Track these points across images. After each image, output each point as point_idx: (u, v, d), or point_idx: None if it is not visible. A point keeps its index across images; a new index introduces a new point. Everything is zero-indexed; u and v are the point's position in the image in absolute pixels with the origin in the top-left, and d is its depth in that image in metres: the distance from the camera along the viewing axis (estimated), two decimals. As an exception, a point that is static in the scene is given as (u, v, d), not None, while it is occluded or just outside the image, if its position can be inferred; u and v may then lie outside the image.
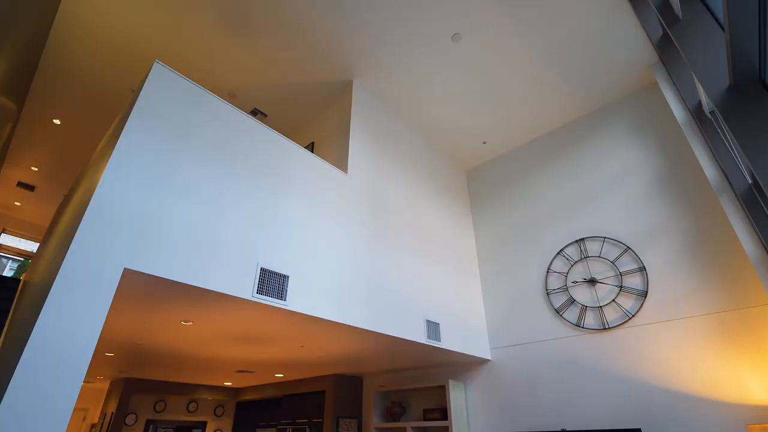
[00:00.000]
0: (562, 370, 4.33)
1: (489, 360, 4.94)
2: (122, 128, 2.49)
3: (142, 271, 2.25)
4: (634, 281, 4.16)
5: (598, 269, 4.46)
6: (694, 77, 2.98)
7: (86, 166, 4.02)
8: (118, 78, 4.82)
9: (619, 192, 4.62)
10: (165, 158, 2.63)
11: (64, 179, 6.70)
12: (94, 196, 2.21)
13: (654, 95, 4.75)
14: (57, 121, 5.46)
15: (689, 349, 3.65)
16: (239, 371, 5.90)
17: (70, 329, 1.91)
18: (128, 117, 2.53)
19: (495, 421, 4.61)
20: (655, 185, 4.37)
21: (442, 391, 5.21)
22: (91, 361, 5.18)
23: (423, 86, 4.85)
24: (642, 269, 4.15)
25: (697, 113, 3.29)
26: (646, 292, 4.05)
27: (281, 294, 2.91)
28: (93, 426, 7.60)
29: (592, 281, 4.45)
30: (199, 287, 2.49)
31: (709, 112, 3.08)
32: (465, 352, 4.53)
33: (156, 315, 3.17)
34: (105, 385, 7.58)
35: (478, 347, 4.79)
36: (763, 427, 2.81)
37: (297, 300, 3.01)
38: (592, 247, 4.59)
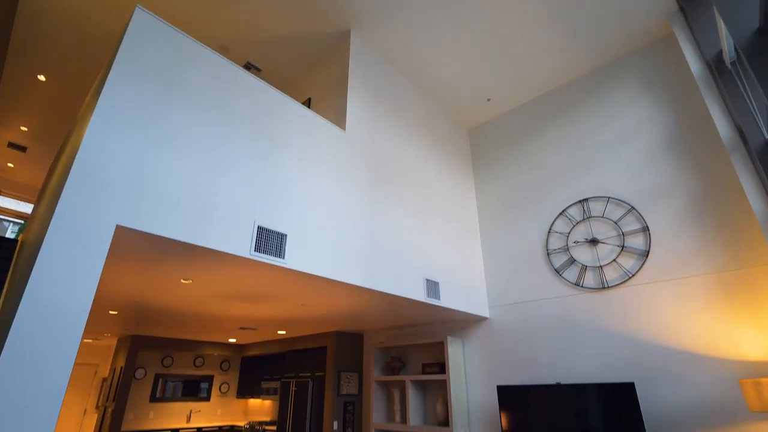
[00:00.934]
0: (559, 327, 4.40)
1: (487, 318, 5.01)
2: (106, 79, 2.35)
3: (136, 228, 2.19)
4: (636, 241, 4.13)
5: (600, 229, 4.42)
6: (719, 22, 2.78)
7: (74, 122, 3.88)
8: (102, 30, 4.55)
9: (626, 151, 4.49)
10: (153, 111, 2.50)
11: (56, 139, 6.53)
12: (79, 152, 2.11)
13: (668, 49, 4.50)
14: (42, 78, 5.23)
15: (687, 308, 3.68)
16: (242, 328, 6.03)
17: (63, 286, 1.88)
18: (111, 67, 2.38)
19: (492, 375, 4.74)
20: (664, 144, 4.23)
21: (440, 347, 5.33)
22: (96, 320, 5.27)
23: (425, 39, 4.59)
24: (645, 229, 4.10)
25: (716, 64, 3.11)
26: (648, 252, 4.02)
27: (280, 252, 2.88)
28: (104, 380, 7.89)
29: (593, 241, 4.42)
30: (195, 245, 2.44)
31: (730, 63, 2.91)
32: (464, 310, 4.58)
33: (155, 273, 3.15)
34: (113, 342, 7.79)
35: (476, 306, 4.84)
36: (756, 381, 2.86)
37: (296, 258, 2.98)
38: (596, 208, 4.52)
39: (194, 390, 7.76)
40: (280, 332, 6.44)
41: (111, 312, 4.77)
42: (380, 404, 5.47)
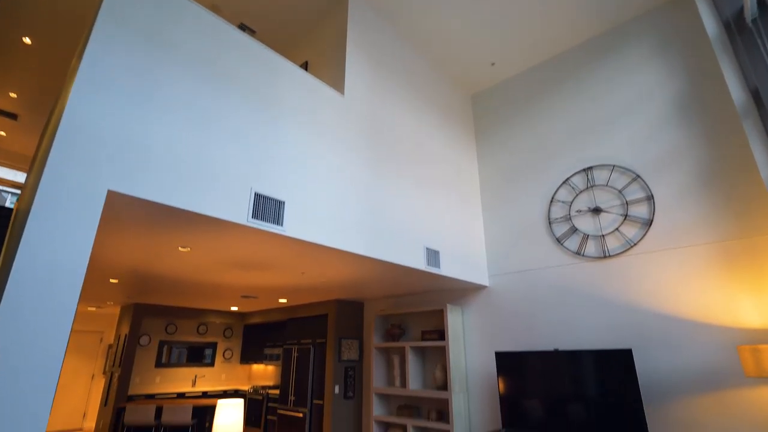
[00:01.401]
0: (558, 296, 4.41)
1: (487, 286, 5.02)
2: (89, 37, 2.22)
3: (128, 194, 2.13)
4: (640, 210, 4.07)
5: (603, 198, 4.35)
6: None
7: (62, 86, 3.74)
8: (88, -14, 4.32)
9: (634, 117, 4.36)
10: (142, 72, 2.38)
11: (48, 106, 6.35)
12: (65, 114, 2.02)
13: (683, 7, 4.28)
14: (27, 40, 5.02)
15: (688, 277, 3.66)
16: (244, 296, 6.08)
17: (55, 251, 1.84)
18: (94, 25, 2.25)
19: (490, 341, 4.81)
20: (674, 111, 4.10)
21: (440, 314, 5.39)
22: (98, 288, 5.30)
23: (427, -4, 4.36)
24: (649, 198, 4.03)
25: (735, 21, 2.95)
26: (651, 220, 3.97)
27: (278, 219, 2.83)
28: (110, 346, 8.05)
29: (596, 210, 4.36)
30: (191, 211, 2.39)
31: (751, 20, 2.75)
32: (464, 278, 4.59)
33: (153, 241, 3.12)
34: (116, 310, 7.90)
35: (476, 274, 4.85)
36: (754, 347, 2.87)
37: (294, 226, 2.93)
38: (600, 176, 4.43)
39: (199, 356, 7.93)
40: (281, 300, 6.50)
41: (112, 280, 4.78)
42: (380, 369, 5.59)
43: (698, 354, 3.46)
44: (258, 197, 2.76)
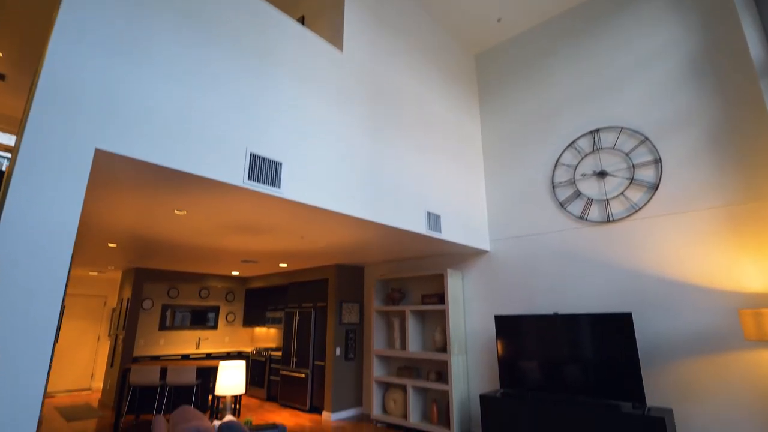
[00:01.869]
0: (559, 260, 4.39)
1: (488, 251, 5.00)
2: (66, -20, 2.05)
3: (116, 152, 2.04)
4: (647, 174, 3.97)
5: (609, 162, 4.24)
6: None
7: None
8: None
9: (645, 78, 4.17)
10: (127, 23, 2.22)
11: (35, 64, 6.10)
12: (44, 68, 1.89)
13: (705, -45, 4.00)
14: (8, -9, 4.73)
15: (692, 241, 3.62)
16: (244, 261, 6.08)
17: (43, 212, 1.77)
18: (71, -35, 2.07)
19: (490, 305, 4.84)
20: (686, 70, 3.91)
21: (440, 279, 5.40)
22: (97, 252, 5.28)
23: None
24: (657, 161, 3.92)
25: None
26: (658, 184, 3.88)
27: (275, 181, 2.74)
28: (114, 310, 8.17)
29: (601, 174, 4.26)
30: (181, 171, 2.30)
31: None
32: (465, 243, 4.55)
33: (148, 203, 3.04)
34: (118, 275, 7.95)
35: (477, 239, 4.81)
36: (756, 311, 2.87)
37: (292, 188, 2.85)
38: (607, 139, 4.30)
39: (202, 319, 8.06)
40: (281, 265, 6.52)
41: (110, 244, 4.75)
42: (380, 332, 5.67)
43: (699, 318, 3.47)
44: (254, 158, 2.66)
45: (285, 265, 6.53)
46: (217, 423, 2.54)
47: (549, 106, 4.88)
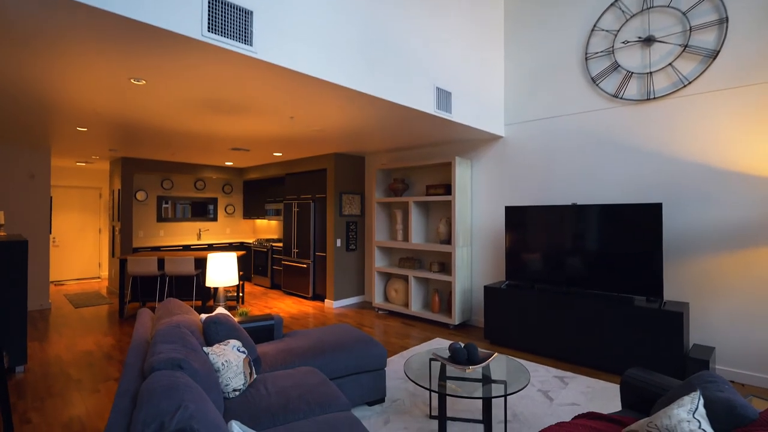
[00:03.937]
0: (583, 146, 3.91)
1: (501, 137, 4.49)
2: None
3: (2, -25, 1.43)
4: (706, 38, 3.26)
5: (660, 24, 3.47)
6: None
7: None
8: None
9: None
10: None
11: None
12: None
13: None
14: None
15: (746, 121, 3.08)
16: (234, 149, 5.62)
17: None
18: None
19: (501, 197, 4.50)
20: None
21: (446, 168, 4.98)
22: (69, 139, 4.79)
23: None
24: (723, 21, 3.17)
25: None
26: (718, 51, 3.20)
27: (245, 37, 2.13)
28: (109, 202, 7.97)
29: (648, 40, 3.52)
30: (120, 16, 1.71)
31: None
32: (477, 126, 4.02)
33: (95, 70, 2.47)
34: (106, 165, 7.57)
35: (492, 123, 4.26)
36: (815, 200, 2.47)
37: (268, 46, 2.25)
38: (662, -7, 3.46)
39: (202, 211, 7.91)
40: (276, 154, 6.06)
41: (79, 129, 4.24)
42: (382, 224, 5.46)
43: (735, 211, 3.11)
44: (215, 1, 2.02)
45: (279, 154, 6.07)
46: (203, 317, 2.36)
47: (593, -49, 3.89)
